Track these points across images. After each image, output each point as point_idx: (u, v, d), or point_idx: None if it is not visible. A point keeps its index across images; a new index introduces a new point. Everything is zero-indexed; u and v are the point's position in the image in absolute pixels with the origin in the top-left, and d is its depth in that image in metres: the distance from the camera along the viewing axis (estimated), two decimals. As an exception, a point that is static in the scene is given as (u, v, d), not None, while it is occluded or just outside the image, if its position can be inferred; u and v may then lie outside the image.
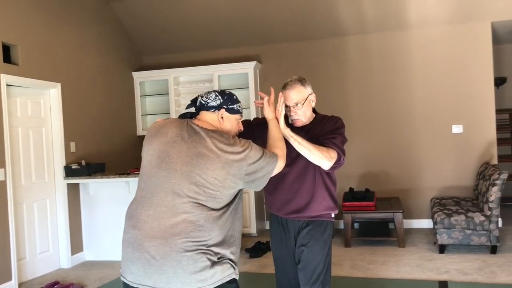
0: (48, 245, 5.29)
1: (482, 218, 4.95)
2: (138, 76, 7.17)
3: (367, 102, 6.65)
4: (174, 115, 7.04)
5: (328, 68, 6.80)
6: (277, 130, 2.35)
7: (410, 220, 6.41)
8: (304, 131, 2.54)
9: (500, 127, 7.15)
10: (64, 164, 5.40)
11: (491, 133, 6.28)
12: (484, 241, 4.96)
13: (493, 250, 5.00)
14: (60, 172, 5.38)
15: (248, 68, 6.71)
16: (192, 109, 2.18)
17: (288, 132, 2.39)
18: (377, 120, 6.65)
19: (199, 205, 1.88)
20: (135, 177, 5.27)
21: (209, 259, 1.86)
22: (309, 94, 2.59)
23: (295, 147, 2.39)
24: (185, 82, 7.27)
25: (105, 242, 5.59)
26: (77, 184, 5.59)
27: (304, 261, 2.56)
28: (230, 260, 1.95)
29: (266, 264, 5.06)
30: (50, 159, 5.36)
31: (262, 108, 2.45)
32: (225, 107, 2.11)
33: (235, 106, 2.15)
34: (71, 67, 5.68)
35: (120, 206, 5.48)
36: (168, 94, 7.14)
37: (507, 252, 5.04)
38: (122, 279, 1.96)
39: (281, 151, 2.20)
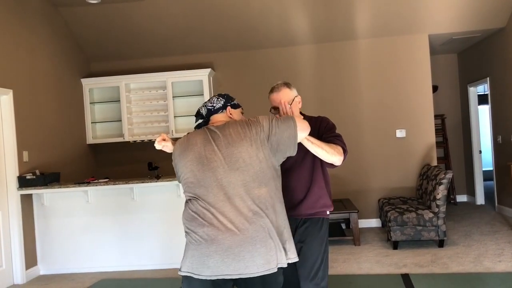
0: (1, 260, 4.99)
1: (431, 214, 5.37)
2: (87, 83, 6.96)
3: (317, 109, 6.86)
4: (126, 122, 6.91)
5: (280, 76, 6.94)
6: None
7: (360, 220, 6.74)
8: None
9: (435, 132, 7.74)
10: (17, 174, 5.14)
11: (431, 137, 6.82)
12: (433, 236, 5.37)
13: (441, 244, 5.43)
14: (13, 182, 5.11)
15: (203, 75, 6.76)
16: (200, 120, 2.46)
17: None
18: (327, 126, 6.93)
19: (250, 189, 2.10)
20: (94, 186, 5.14)
21: (273, 241, 2.10)
22: (295, 96, 2.74)
23: (308, 147, 2.47)
24: (137, 89, 7.15)
25: (61, 254, 5.38)
26: (30, 195, 5.34)
27: (302, 257, 2.68)
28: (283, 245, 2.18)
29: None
30: (1, 169, 5.08)
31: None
32: (229, 104, 2.41)
33: (235, 102, 2.46)
34: (22, 73, 5.43)
35: (78, 217, 5.35)
36: (118, 101, 7.00)
37: (452, 245, 5.50)
38: (197, 276, 2.08)
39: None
